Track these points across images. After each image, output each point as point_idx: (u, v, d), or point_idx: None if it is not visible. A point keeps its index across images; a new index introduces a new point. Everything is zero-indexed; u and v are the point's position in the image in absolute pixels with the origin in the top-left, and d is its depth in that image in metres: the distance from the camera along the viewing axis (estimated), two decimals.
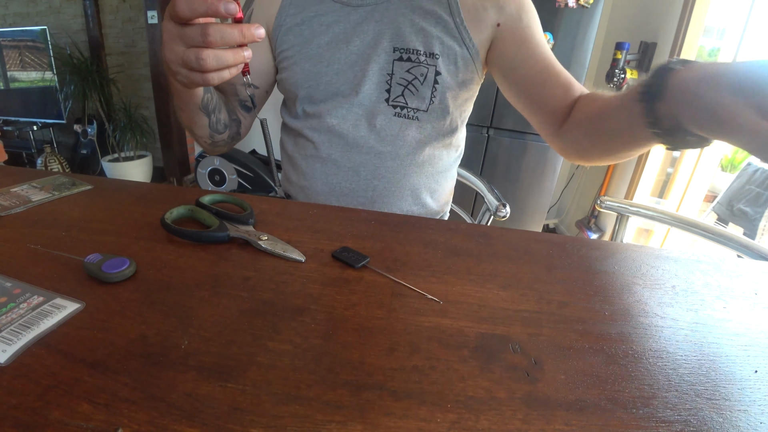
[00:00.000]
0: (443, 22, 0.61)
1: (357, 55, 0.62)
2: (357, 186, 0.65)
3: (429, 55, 0.61)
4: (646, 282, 0.39)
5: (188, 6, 0.35)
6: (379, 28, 0.61)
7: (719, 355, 0.29)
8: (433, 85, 0.62)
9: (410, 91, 0.62)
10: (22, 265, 0.34)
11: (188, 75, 0.39)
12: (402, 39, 0.61)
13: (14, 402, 0.22)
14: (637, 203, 0.82)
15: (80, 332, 0.27)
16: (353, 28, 0.62)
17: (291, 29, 0.64)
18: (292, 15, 0.64)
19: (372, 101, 0.62)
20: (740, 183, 1.91)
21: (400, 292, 0.33)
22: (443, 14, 0.61)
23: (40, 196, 0.47)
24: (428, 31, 0.60)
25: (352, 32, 0.62)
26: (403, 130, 0.63)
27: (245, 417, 0.22)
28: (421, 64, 0.61)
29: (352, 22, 0.62)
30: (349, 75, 0.62)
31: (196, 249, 0.38)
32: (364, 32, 0.62)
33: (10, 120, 3.31)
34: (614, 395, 0.25)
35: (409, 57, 0.61)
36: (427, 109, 0.63)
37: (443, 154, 0.68)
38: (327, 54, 0.62)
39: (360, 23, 0.62)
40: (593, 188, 2.57)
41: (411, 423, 0.22)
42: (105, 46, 3.35)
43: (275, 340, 0.27)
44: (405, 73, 0.62)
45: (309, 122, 0.65)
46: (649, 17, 2.17)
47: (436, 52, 0.61)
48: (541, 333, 0.30)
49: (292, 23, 0.64)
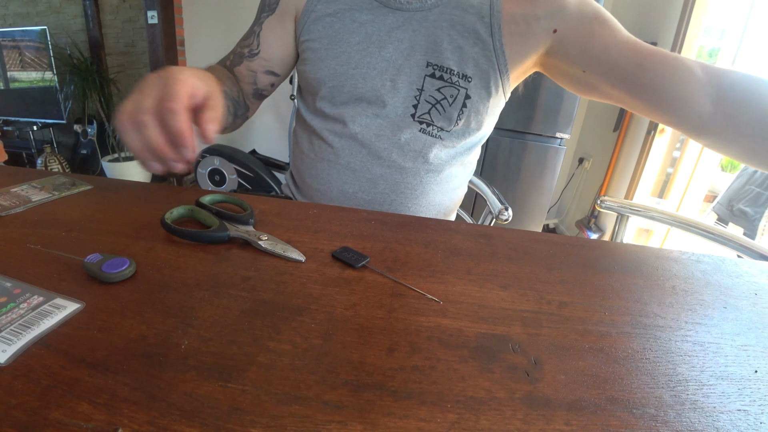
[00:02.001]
0: (482, 43, 0.58)
1: (388, 63, 0.59)
2: (374, 198, 0.63)
3: (462, 77, 0.58)
4: (646, 282, 0.39)
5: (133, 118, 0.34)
6: (415, 39, 0.59)
7: (719, 355, 0.29)
8: (461, 108, 0.59)
9: (437, 110, 0.60)
10: (22, 265, 0.34)
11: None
12: (437, 54, 0.58)
13: (14, 402, 0.22)
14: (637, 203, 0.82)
15: (80, 332, 0.27)
16: (388, 32, 0.59)
17: (320, 18, 0.61)
18: (324, 3, 0.61)
19: (398, 114, 0.60)
20: (740, 183, 1.91)
21: (400, 292, 0.33)
22: (483, 34, 0.58)
23: (40, 196, 0.47)
24: (465, 51, 0.58)
25: (387, 37, 0.59)
26: (426, 148, 0.61)
27: (245, 417, 0.22)
28: (453, 85, 0.58)
29: (387, 25, 0.59)
30: (377, 82, 0.59)
31: (196, 249, 0.38)
32: (399, 40, 0.59)
33: (10, 120, 3.31)
34: (614, 395, 0.25)
35: (442, 75, 0.58)
36: (451, 130, 0.61)
37: (460, 172, 0.67)
38: (356, 55, 0.59)
39: (396, 28, 0.59)
40: (593, 188, 2.57)
41: (411, 423, 0.22)
42: (105, 46, 3.35)
43: (275, 340, 0.27)
44: (435, 92, 0.59)
45: (330, 125, 0.62)
46: (649, 17, 2.17)
47: (470, 75, 0.58)
48: (541, 333, 0.30)
49: (323, 12, 0.61)
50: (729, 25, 1.94)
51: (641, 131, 2.14)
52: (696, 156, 1.96)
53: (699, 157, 1.95)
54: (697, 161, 1.97)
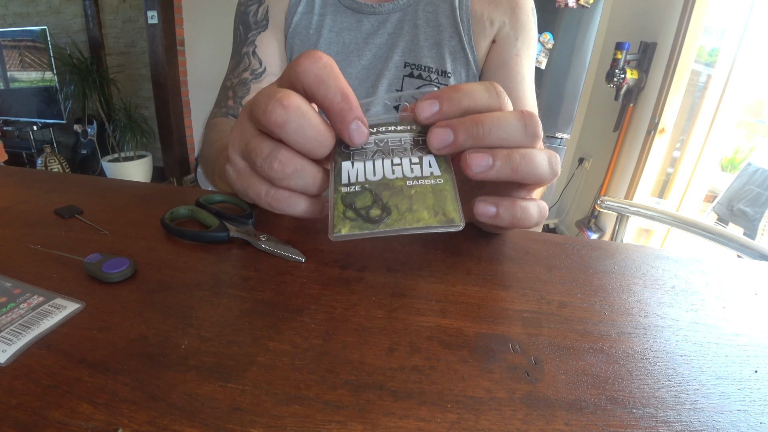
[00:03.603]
0: (458, 36, 0.57)
1: (368, 70, 0.59)
2: None
3: (441, 74, 0.58)
4: (646, 282, 0.39)
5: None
6: (392, 41, 0.58)
7: (719, 355, 0.29)
8: None
9: None
10: (22, 265, 0.34)
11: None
12: (415, 54, 0.58)
13: (14, 402, 0.22)
14: (637, 203, 0.82)
15: (80, 332, 0.27)
16: (365, 39, 0.59)
17: (297, 31, 0.60)
18: (299, 14, 0.61)
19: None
20: (740, 183, 1.91)
21: (400, 292, 0.33)
22: (455, 30, 0.57)
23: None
24: (442, 45, 0.57)
25: (364, 44, 0.59)
26: None
27: (245, 417, 0.22)
28: (432, 83, 0.58)
29: (363, 32, 0.59)
30: (360, 91, 0.59)
31: (196, 249, 0.38)
32: (377, 45, 0.59)
33: (10, 120, 3.31)
34: (614, 395, 0.25)
35: (420, 74, 0.58)
36: None
37: None
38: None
39: (372, 34, 0.59)
40: (593, 188, 2.57)
41: (411, 423, 0.22)
42: (105, 46, 3.35)
43: (275, 340, 0.27)
44: (414, 91, 0.59)
45: None
46: (649, 17, 2.17)
47: (449, 71, 0.58)
48: (541, 333, 0.30)
49: (299, 23, 0.60)
50: (729, 25, 1.94)
51: (641, 131, 2.14)
52: (696, 156, 1.96)
53: (699, 157, 1.95)
54: (697, 161, 1.97)
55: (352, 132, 0.28)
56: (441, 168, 0.30)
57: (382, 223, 0.28)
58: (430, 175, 0.30)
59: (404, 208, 0.29)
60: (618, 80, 2.03)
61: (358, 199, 0.29)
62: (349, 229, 0.28)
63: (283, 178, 0.29)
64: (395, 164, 0.30)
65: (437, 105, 0.28)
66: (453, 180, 0.30)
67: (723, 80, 1.92)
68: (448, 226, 0.28)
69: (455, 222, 0.28)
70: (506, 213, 0.31)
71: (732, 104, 1.90)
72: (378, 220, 0.28)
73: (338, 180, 0.30)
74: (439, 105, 0.28)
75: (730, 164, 2.86)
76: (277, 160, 0.28)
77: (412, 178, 0.30)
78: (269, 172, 0.28)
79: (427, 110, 0.29)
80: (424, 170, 0.30)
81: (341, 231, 0.28)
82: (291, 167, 0.28)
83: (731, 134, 2.05)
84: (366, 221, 0.28)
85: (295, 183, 0.30)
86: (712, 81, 1.98)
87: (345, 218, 0.29)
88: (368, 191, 0.29)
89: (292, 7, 0.61)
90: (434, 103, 0.28)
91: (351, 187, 0.30)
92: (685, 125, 2.11)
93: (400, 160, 0.30)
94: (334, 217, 0.29)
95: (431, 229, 0.29)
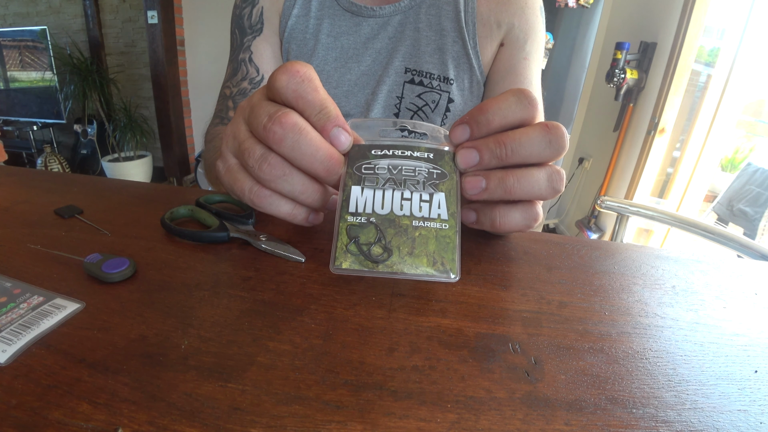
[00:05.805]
0: (461, 41, 0.55)
1: (368, 76, 0.57)
2: None
3: (443, 80, 0.56)
4: (646, 282, 0.39)
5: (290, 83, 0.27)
6: (392, 45, 0.56)
7: (719, 355, 0.29)
8: (444, 113, 0.57)
9: (420, 117, 0.57)
10: (22, 265, 0.34)
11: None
12: (416, 59, 0.56)
13: (14, 402, 0.22)
14: (637, 203, 0.82)
15: (80, 332, 0.27)
16: (364, 43, 0.57)
17: (293, 35, 0.58)
18: (294, 18, 0.58)
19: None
20: (740, 183, 1.91)
21: (400, 292, 0.33)
22: (459, 35, 0.55)
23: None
24: (445, 50, 0.55)
25: (363, 48, 0.57)
26: None
27: (245, 417, 0.22)
28: (434, 90, 0.56)
29: (362, 36, 0.57)
30: (360, 98, 0.58)
31: (196, 249, 0.38)
32: (377, 50, 0.57)
33: (10, 120, 3.31)
34: (614, 395, 0.25)
35: (421, 81, 0.56)
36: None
37: None
38: (335, 74, 0.57)
39: (371, 38, 0.57)
40: (593, 188, 2.57)
41: (411, 423, 0.22)
42: (105, 46, 3.35)
43: (275, 340, 0.27)
44: (416, 98, 0.57)
45: None
46: (649, 17, 2.17)
47: (451, 77, 0.56)
48: (541, 333, 0.30)
49: (294, 26, 0.58)
50: (729, 25, 1.94)
51: (641, 131, 2.14)
52: (696, 156, 1.96)
53: (699, 157, 1.95)
54: (697, 161, 1.97)
55: (333, 140, 0.29)
56: (449, 211, 0.31)
57: (382, 264, 0.29)
58: (437, 218, 0.30)
59: (405, 252, 0.30)
60: (618, 80, 2.03)
61: (363, 233, 0.30)
62: (349, 264, 0.30)
63: (270, 180, 0.30)
64: (405, 198, 0.31)
65: (468, 131, 0.29)
66: (458, 226, 0.30)
67: (723, 80, 1.92)
68: (443, 277, 0.30)
69: (451, 274, 0.30)
70: (485, 219, 0.32)
71: (732, 104, 1.91)
72: (379, 261, 0.29)
73: (345, 207, 0.30)
74: (470, 131, 0.29)
75: (730, 164, 2.87)
76: (267, 162, 0.29)
77: (419, 218, 0.30)
78: (258, 172, 0.29)
79: (459, 137, 0.30)
80: (432, 211, 0.30)
81: (342, 265, 0.30)
82: (280, 170, 0.29)
83: (731, 134, 2.05)
84: (367, 258, 0.29)
85: (282, 187, 0.30)
86: (712, 81, 1.98)
87: (347, 252, 0.30)
88: (373, 226, 0.30)
89: (286, 9, 0.59)
90: (465, 128, 0.29)
91: (357, 217, 0.30)
92: (685, 125, 2.12)
93: (411, 194, 0.31)
94: (337, 249, 0.30)
95: (427, 278, 0.30)
